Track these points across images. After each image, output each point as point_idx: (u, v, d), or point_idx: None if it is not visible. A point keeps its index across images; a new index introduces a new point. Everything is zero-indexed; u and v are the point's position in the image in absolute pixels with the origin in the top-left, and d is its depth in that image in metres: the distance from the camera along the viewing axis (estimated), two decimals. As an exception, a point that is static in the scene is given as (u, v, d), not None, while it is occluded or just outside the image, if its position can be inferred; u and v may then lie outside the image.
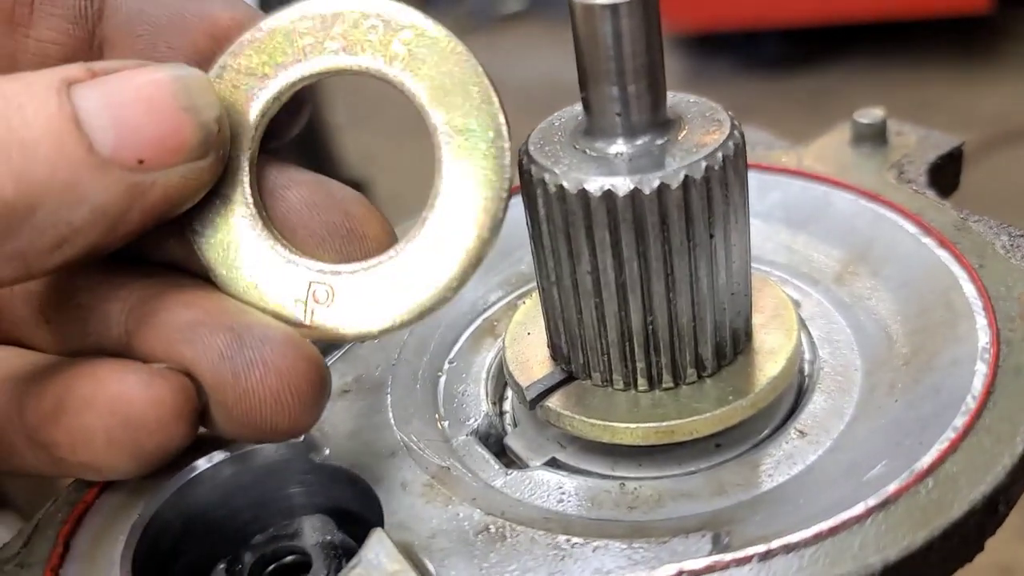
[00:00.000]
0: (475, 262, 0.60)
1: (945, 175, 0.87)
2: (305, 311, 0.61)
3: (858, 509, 0.57)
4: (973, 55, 4.60)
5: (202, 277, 0.63)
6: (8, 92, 0.52)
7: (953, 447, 0.59)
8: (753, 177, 0.85)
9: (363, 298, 0.61)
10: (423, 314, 0.61)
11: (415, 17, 0.61)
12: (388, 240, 0.64)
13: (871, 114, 0.88)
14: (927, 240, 0.77)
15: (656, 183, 0.61)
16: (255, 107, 0.62)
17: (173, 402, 0.58)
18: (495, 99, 0.60)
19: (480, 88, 0.60)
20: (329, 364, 0.77)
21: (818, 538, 0.56)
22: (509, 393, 0.78)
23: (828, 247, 0.82)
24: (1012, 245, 0.74)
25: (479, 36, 5.55)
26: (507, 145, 0.60)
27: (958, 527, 0.55)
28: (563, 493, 0.67)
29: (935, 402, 0.65)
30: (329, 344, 0.80)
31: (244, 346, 0.58)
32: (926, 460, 0.59)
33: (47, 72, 0.54)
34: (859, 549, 0.55)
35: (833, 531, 0.56)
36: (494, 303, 0.85)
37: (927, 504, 0.56)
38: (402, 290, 0.61)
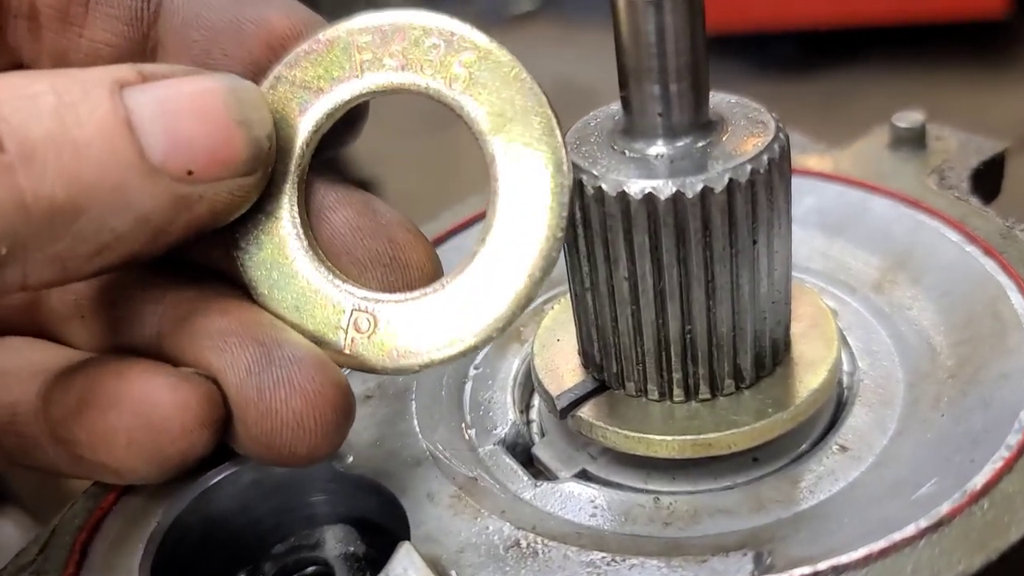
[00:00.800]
0: (524, 304, 0.58)
1: (987, 181, 0.84)
2: (345, 339, 0.59)
3: (910, 530, 0.54)
4: (987, 60, 4.56)
5: (243, 289, 0.61)
6: (60, 87, 0.49)
7: (1008, 466, 0.57)
8: (788, 181, 0.83)
9: (405, 332, 0.59)
10: (465, 353, 0.58)
11: (478, 38, 0.58)
12: (433, 270, 0.61)
13: (910, 117, 0.85)
14: (971, 248, 0.74)
15: (700, 187, 0.58)
16: (307, 122, 0.60)
17: (198, 408, 0.56)
18: (557, 131, 0.57)
19: (543, 119, 0.57)
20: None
21: (868, 560, 0.53)
22: (536, 401, 0.76)
23: (866, 254, 0.80)
24: (1060, 255, 0.71)
25: (491, 36, 5.52)
26: (568, 183, 0.57)
27: (1016, 551, 0.53)
28: (595, 507, 0.65)
29: (985, 417, 0.62)
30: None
31: (272, 363, 0.56)
32: (979, 479, 0.57)
33: (98, 70, 0.52)
34: (912, 573, 0.52)
35: (884, 553, 0.53)
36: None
37: (983, 526, 0.54)
38: (446, 327, 0.58)
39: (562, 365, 0.71)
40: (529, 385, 0.76)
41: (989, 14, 4.35)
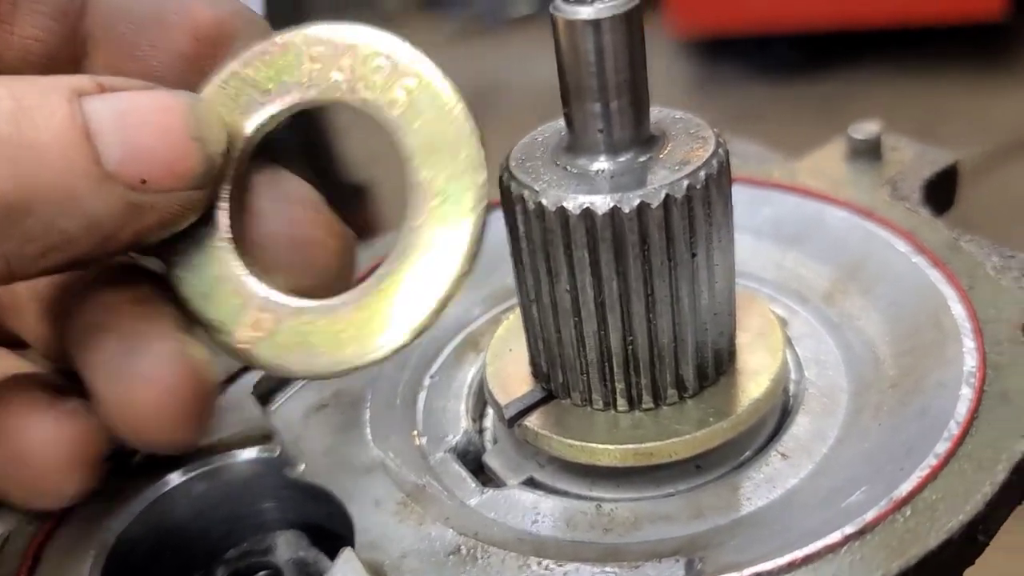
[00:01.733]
0: (421, 330, 0.58)
1: (941, 192, 0.85)
2: (243, 335, 0.60)
3: (834, 537, 0.56)
4: (986, 62, 4.56)
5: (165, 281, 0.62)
6: (17, 92, 0.51)
7: (934, 474, 0.58)
8: (744, 192, 0.85)
9: (302, 339, 0.60)
10: (364, 366, 0.59)
11: (424, 66, 0.59)
12: (338, 275, 0.62)
13: (866, 129, 0.87)
14: (918, 259, 0.75)
15: (636, 202, 0.60)
16: (253, 122, 0.61)
17: (72, 447, 0.57)
18: (481, 169, 0.58)
19: (469, 155, 0.58)
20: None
21: (791, 566, 0.54)
22: (490, 410, 0.77)
23: (819, 264, 0.81)
24: (1002, 266, 0.72)
25: (488, 39, 5.55)
26: (481, 220, 0.58)
27: (934, 556, 0.54)
28: (538, 513, 0.66)
29: (920, 426, 0.64)
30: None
31: (131, 352, 0.56)
32: (906, 487, 0.58)
33: (56, 78, 0.53)
34: (833, 579, 0.53)
35: (807, 559, 0.55)
36: (478, 317, 0.84)
37: (904, 533, 0.55)
38: (348, 338, 0.59)
39: (513, 375, 0.73)
40: (483, 394, 0.77)
41: (987, 16, 4.35)
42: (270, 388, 0.77)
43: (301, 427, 0.74)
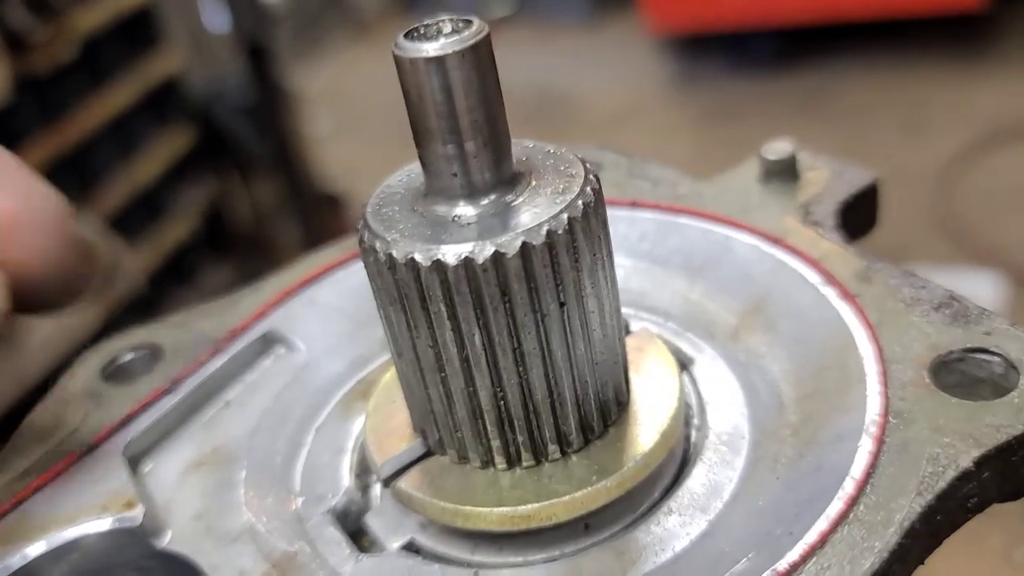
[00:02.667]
0: None
1: (859, 214, 0.80)
2: None
3: (710, 616, 0.51)
4: (967, 53, 4.51)
5: None
6: None
7: (822, 541, 0.54)
8: (654, 219, 0.80)
9: None
10: None
11: None
12: None
13: (778, 149, 0.82)
14: (827, 291, 0.71)
15: (491, 251, 0.55)
16: None
17: None
18: None
19: None
20: (188, 434, 0.72)
21: (659, 652, 0.50)
22: (377, 465, 0.73)
23: (726, 297, 0.76)
24: (913, 298, 0.67)
25: (469, 41, 5.45)
26: None
27: (812, 642, 0.49)
28: (412, 584, 0.61)
29: (815, 482, 0.59)
30: (190, 411, 0.75)
31: None
32: (791, 557, 0.53)
33: None
34: (702, 667, 0.49)
35: (676, 644, 0.50)
36: (372, 362, 0.79)
37: (784, 611, 0.50)
38: None
39: (394, 429, 0.68)
40: (369, 448, 0.73)
41: (967, 7, 4.29)
42: (143, 448, 0.72)
43: (174, 489, 0.69)
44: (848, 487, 0.56)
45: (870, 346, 0.65)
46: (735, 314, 0.75)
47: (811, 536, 0.54)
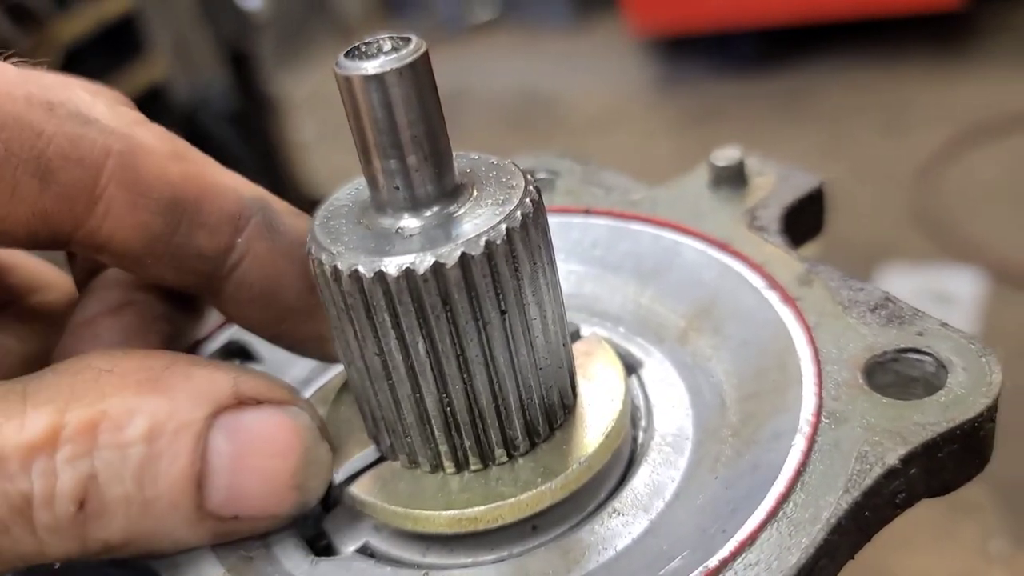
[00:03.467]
0: None
1: (806, 218, 0.83)
2: None
3: (645, 610, 0.53)
4: (946, 52, 4.54)
5: None
6: (154, 430, 0.55)
7: (752, 538, 0.56)
8: (606, 225, 0.82)
9: None
10: None
11: None
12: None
13: (727, 155, 0.84)
14: (770, 294, 0.73)
15: (430, 262, 0.57)
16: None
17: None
18: None
19: None
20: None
21: (594, 647, 0.52)
22: (335, 470, 0.74)
23: (675, 302, 0.78)
24: (851, 300, 0.70)
25: (450, 45, 5.51)
26: None
27: (738, 635, 0.51)
28: (364, 586, 0.63)
29: (751, 481, 0.61)
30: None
31: None
32: (722, 553, 0.55)
33: (199, 394, 0.57)
34: (632, 661, 0.51)
35: (610, 639, 0.52)
36: (333, 369, 0.81)
37: (713, 606, 0.52)
38: None
39: (350, 434, 0.70)
40: (327, 453, 0.74)
41: (946, 6, 4.33)
42: (106, 457, 0.73)
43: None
44: (780, 485, 0.58)
45: (807, 348, 0.67)
46: (683, 317, 0.77)
47: (742, 533, 0.56)
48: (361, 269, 0.57)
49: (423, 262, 0.57)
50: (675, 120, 4.49)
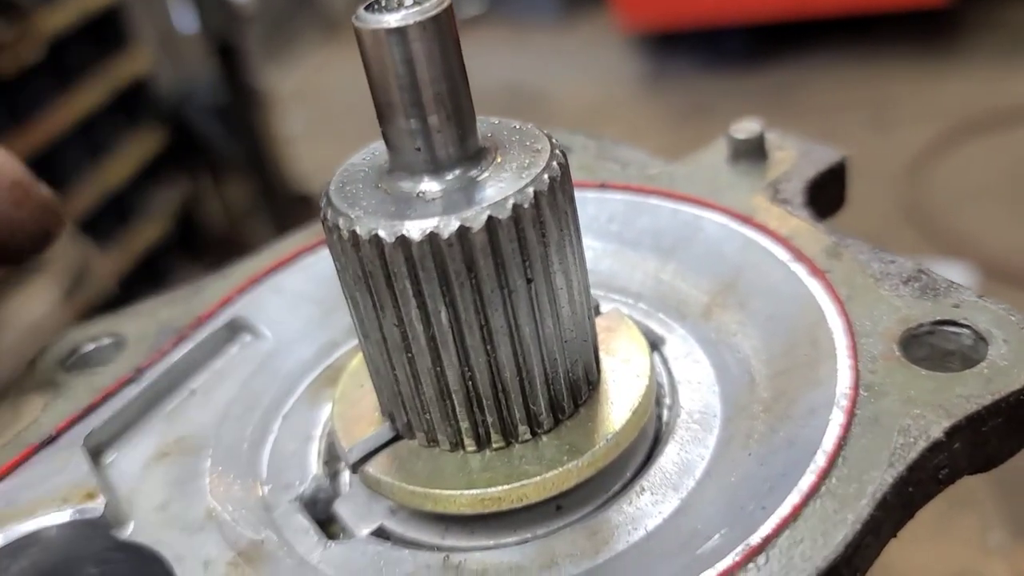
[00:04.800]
0: None
1: (828, 192, 0.80)
2: None
3: (684, 591, 0.50)
4: (934, 48, 4.55)
5: None
6: None
7: (794, 515, 0.53)
8: (623, 200, 0.80)
9: None
10: None
11: None
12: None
13: (747, 128, 0.81)
14: (797, 268, 0.70)
15: (455, 226, 0.54)
16: None
17: None
18: None
19: None
20: (152, 424, 0.71)
21: (633, 628, 0.49)
22: (346, 451, 0.71)
23: (697, 276, 0.75)
24: (883, 272, 0.67)
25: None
26: None
27: (787, 612, 0.49)
28: (381, 568, 0.60)
29: (787, 457, 0.58)
30: (154, 400, 0.73)
31: None
32: (764, 530, 0.53)
33: None
34: (675, 642, 0.48)
35: (650, 620, 0.49)
36: (339, 348, 0.78)
37: (757, 584, 0.50)
38: None
39: (362, 413, 0.67)
40: (337, 434, 0.71)
41: (933, 3, 4.33)
42: (105, 439, 0.70)
43: (137, 480, 0.68)
44: (820, 460, 0.56)
45: (839, 321, 0.65)
46: (706, 293, 0.74)
47: (784, 510, 0.53)
48: (381, 233, 0.54)
49: (448, 226, 0.54)
50: (663, 116, 4.47)
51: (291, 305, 0.79)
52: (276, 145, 3.68)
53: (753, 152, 0.81)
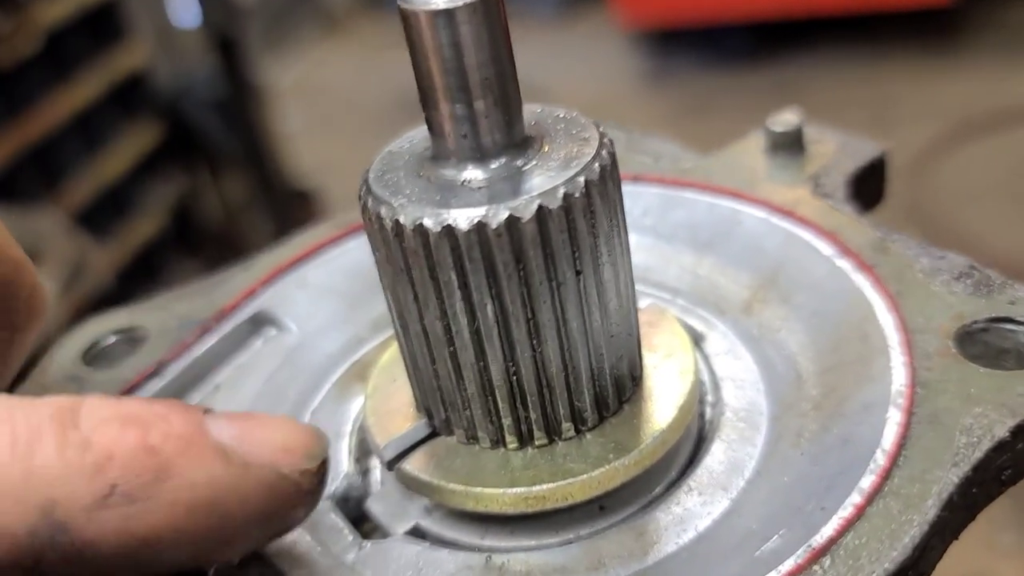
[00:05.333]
0: None
1: (868, 186, 0.78)
2: None
3: (745, 595, 0.48)
4: (935, 48, 4.54)
5: None
6: None
7: (857, 515, 0.51)
8: (657, 194, 0.78)
9: None
10: None
11: None
12: None
13: (785, 120, 0.79)
14: (843, 262, 0.68)
15: (505, 215, 0.52)
16: None
17: None
18: None
19: None
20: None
21: (694, 634, 0.47)
22: (377, 449, 0.69)
23: (736, 271, 0.73)
24: (933, 268, 0.65)
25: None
26: None
27: (856, 618, 0.47)
28: (420, 569, 0.58)
29: (843, 456, 0.56)
30: (178, 395, 0.71)
31: None
32: (826, 531, 0.51)
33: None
34: (740, 648, 0.46)
35: (712, 625, 0.47)
36: (367, 342, 0.75)
37: (822, 588, 0.48)
38: None
39: (396, 409, 0.65)
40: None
41: (936, 2, 4.32)
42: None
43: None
44: (880, 459, 0.54)
45: (891, 317, 0.63)
46: (747, 288, 0.72)
47: (845, 510, 0.51)
48: (427, 222, 0.52)
49: (496, 215, 0.52)
50: (664, 114, 4.45)
51: (316, 298, 0.77)
52: (274, 141, 3.65)
53: (791, 145, 0.79)
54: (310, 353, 0.74)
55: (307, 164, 3.93)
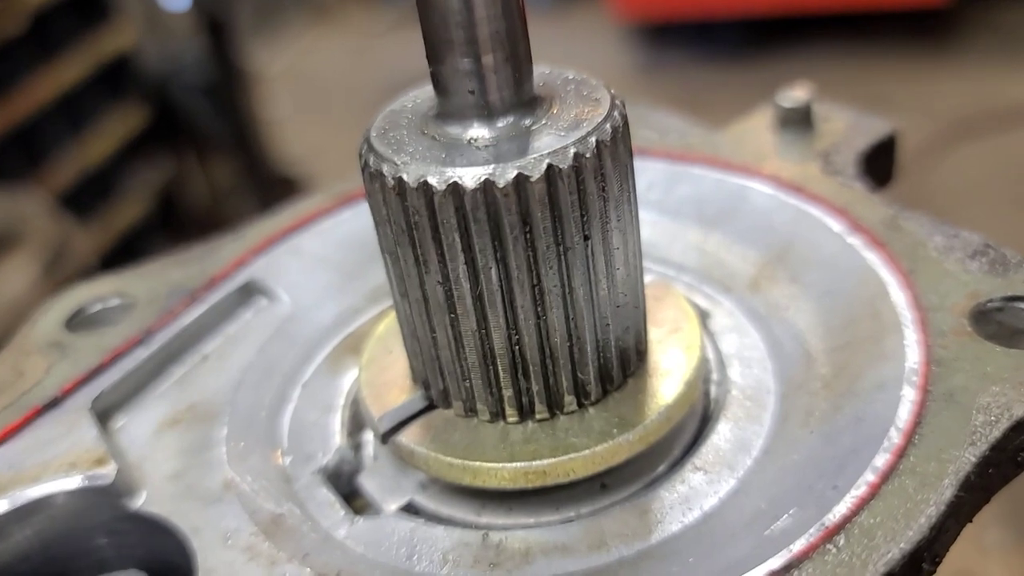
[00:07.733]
0: None
1: (879, 164, 0.76)
2: None
3: (757, 574, 0.46)
4: (929, 47, 4.54)
5: None
6: None
7: (872, 494, 0.49)
8: (663, 168, 0.76)
9: None
10: None
11: None
12: None
13: (794, 96, 0.77)
14: (854, 240, 0.66)
15: (512, 174, 0.50)
16: None
17: None
18: None
19: None
20: (162, 390, 0.67)
21: (703, 613, 0.45)
22: (370, 422, 0.67)
23: (743, 248, 0.71)
24: (946, 246, 0.63)
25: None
26: None
27: (872, 597, 0.45)
28: (413, 547, 0.56)
29: (855, 434, 0.54)
30: (164, 364, 0.69)
31: None
32: (839, 510, 0.49)
33: None
34: (752, 628, 0.44)
35: (721, 604, 0.45)
36: (361, 314, 0.73)
37: (837, 566, 0.46)
38: None
39: (391, 381, 0.63)
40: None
41: (931, 2, 4.32)
42: (113, 403, 0.66)
43: (148, 447, 0.63)
44: (894, 438, 0.52)
45: (903, 294, 0.61)
46: (754, 265, 0.70)
47: (859, 489, 0.50)
48: (431, 180, 0.50)
49: (504, 174, 0.50)
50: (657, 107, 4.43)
51: (309, 268, 0.75)
52: (262, 126, 3.61)
53: (800, 121, 0.77)
54: (302, 324, 0.72)
55: (295, 151, 3.89)
